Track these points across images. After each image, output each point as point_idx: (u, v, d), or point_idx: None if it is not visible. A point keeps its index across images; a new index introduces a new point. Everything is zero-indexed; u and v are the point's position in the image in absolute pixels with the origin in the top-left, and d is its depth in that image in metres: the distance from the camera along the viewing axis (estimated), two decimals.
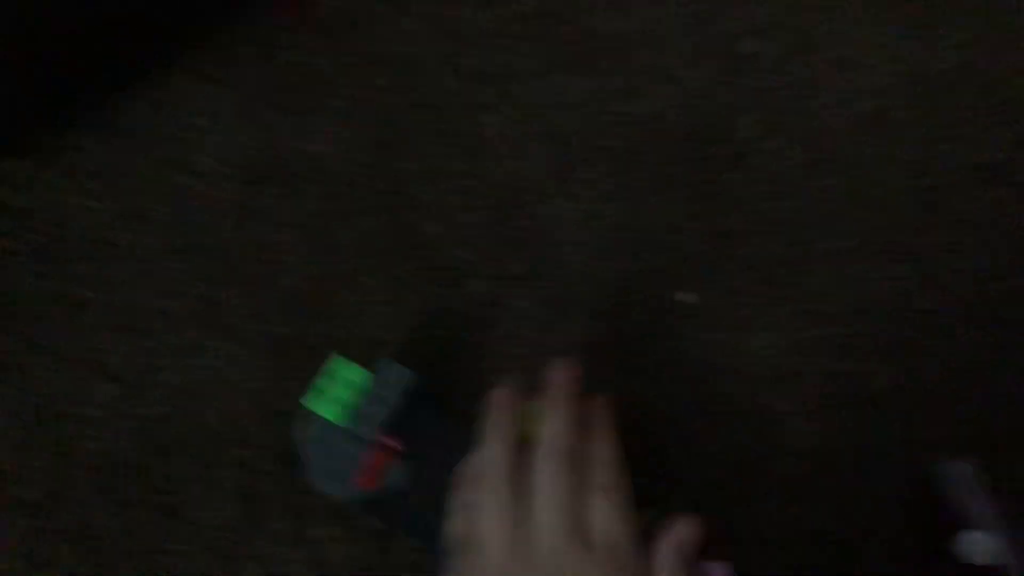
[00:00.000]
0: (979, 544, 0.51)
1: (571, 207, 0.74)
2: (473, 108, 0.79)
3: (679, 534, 0.49)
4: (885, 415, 0.64)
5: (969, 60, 0.77)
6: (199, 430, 0.68)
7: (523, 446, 0.52)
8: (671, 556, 0.48)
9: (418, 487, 0.61)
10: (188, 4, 0.85)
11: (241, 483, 0.66)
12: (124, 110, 0.82)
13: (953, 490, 0.55)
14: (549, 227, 0.73)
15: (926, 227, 0.70)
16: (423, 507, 0.61)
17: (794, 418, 0.65)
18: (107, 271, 0.76)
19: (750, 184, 0.73)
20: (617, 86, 0.78)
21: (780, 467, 0.64)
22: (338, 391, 0.64)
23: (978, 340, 0.66)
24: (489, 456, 0.52)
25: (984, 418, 0.64)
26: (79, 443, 0.69)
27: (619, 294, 0.70)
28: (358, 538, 0.63)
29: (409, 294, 0.72)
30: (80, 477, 0.67)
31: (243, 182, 0.78)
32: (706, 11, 0.79)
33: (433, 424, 0.63)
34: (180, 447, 0.67)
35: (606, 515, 0.47)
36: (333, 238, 0.75)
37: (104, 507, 0.66)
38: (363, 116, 0.80)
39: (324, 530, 0.64)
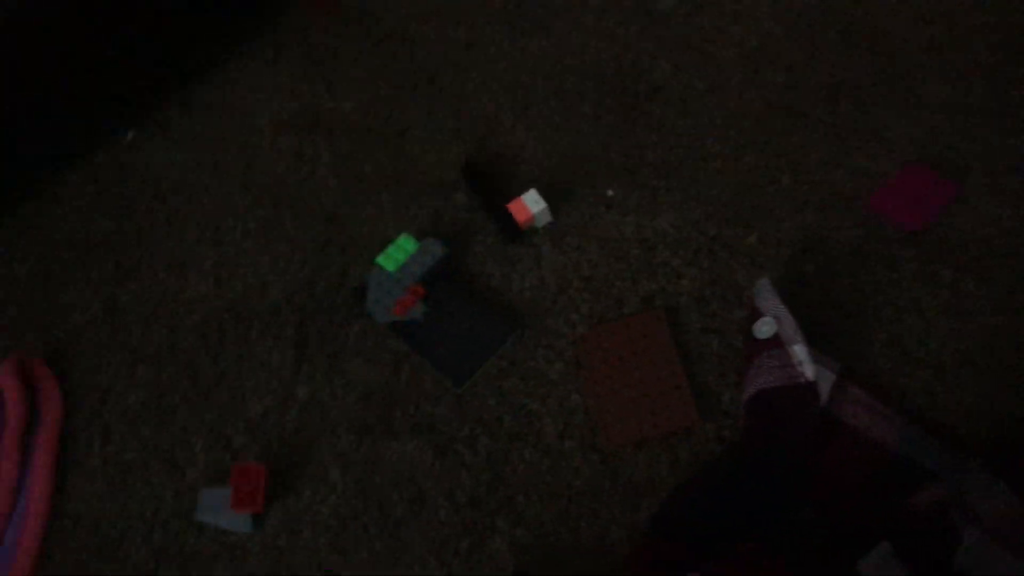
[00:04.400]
0: (764, 325, 0.75)
1: (530, 135, 0.99)
2: (459, 68, 1.06)
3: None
4: (753, 261, 0.86)
5: (832, 4, 0.98)
6: (267, 304, 0.96)
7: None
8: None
9: (430, 322, 0.89)
10: (238, 6, 1.15)
11: (297, 336, 0.94)
12: (200, 92, 1.13)
13: (757, 295, 0.78)
14: (512, 151, 0.99)
15: (788, 132, 0.92)
16: (430, 336, 0.88)
17: (686, 267, 0.88)
18: (196, 204, 1.05)
19: (662, 109, 0.97)
20: (568, 43, 1.03)
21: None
22: (397, 253, 0.92)
23: (812, 217, 0.87)
24: None
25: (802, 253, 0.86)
26: (185, 319, 0.98)
27: (564, 193, 0.94)
28: (377, 366, 0.90)
29: (414, 206, 0.98)
30: (187, 338, 0.96)
31: (294, 134, 1.07)
32: None
33: (449, 283, 0.91)
34: (256, 315, 0.96)
35: None
36: (359, 169, 1.03)
37: (205, 356, 0.95)
38: (377, 80, 1.07)
39: (352, 362, 0.91)
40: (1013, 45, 0.91)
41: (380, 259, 0.92)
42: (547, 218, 0.92)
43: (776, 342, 0.75)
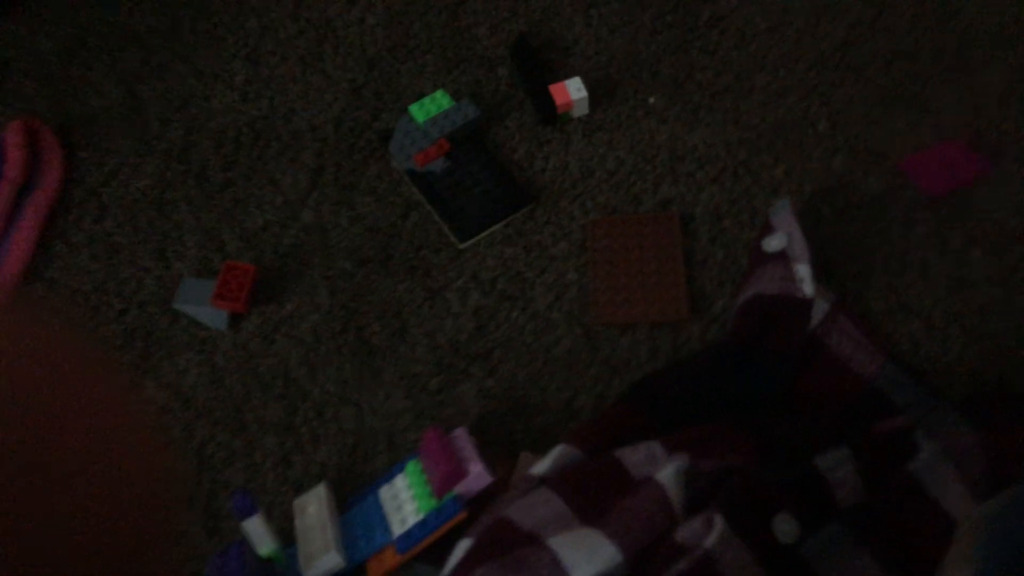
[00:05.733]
0: (774, 240, 0.76)
1: (586, 31, 0.99)
2: None
3: None
4: (775, 191, 0.87)
5: None
6: (290, 128, 0.96)
7: None
8: None
9: (448, 177, 0.89)
10: None
11: (314, 163, 0.93)
12: None
13: (774, 213, 0.79)
14: (565, 42, 0.99)
15: (836, 84, 0.93)
16: (445, 190, 0.89)
17: (709, 183, 0.89)
18: (240, 23, 1.04)
19: (720, 38, 0.97)
20: None
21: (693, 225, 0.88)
22: (430, 105, 0.92)
23: (841, 163, 0.88)
24: None
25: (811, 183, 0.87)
26: (204, 124, 0.97)
27: (606, 92, 0.95)
28: (387, 207, 0.90)
29: (457, 72, 0.98)
30: (203, 143, 0.96)
31: None
32: None
33: (474, 146, 0.91)
34: (276, 136, 0.95)
35: None
36: (409, 26, 1.02)
37: (217, 162, 0.94)
38: None
39: (363, 198, 0.91)
40: None
41: (413, 107, 0.92)
42: (584, 109, 0.92)
43: (782, 256, 0.76)
